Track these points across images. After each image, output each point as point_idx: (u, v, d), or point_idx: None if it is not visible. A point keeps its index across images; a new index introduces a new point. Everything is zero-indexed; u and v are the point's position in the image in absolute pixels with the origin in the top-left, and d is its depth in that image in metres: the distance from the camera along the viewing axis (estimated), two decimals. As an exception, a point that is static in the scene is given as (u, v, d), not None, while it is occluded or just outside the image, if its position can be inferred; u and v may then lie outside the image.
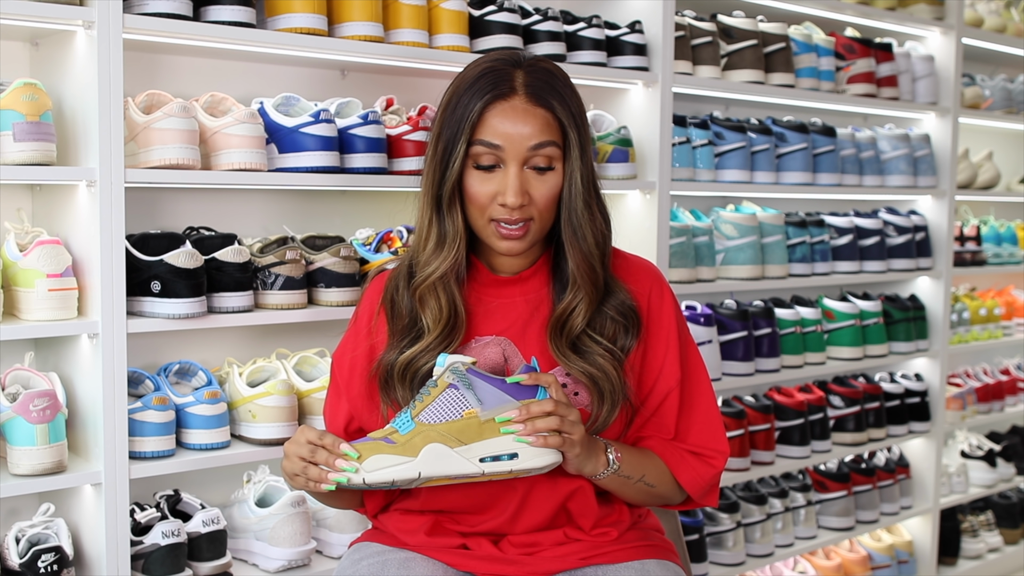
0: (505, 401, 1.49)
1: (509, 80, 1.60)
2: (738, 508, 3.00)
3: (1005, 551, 3.91)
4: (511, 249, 1.63)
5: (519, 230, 1.62)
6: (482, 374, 1.51)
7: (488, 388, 1.49)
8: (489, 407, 1.49)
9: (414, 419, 1.49)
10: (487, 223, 1.63)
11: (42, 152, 1.86)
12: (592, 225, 1.65)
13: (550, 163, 1.61)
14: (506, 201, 1.59)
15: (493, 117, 1.59)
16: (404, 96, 2.51)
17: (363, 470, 1.47)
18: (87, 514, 2.00)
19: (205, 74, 2.29)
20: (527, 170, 1.60)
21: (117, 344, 1.92)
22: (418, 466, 1.47)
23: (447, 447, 1.47)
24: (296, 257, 2.14)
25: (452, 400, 1.49)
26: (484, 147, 1.59)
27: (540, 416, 1.50)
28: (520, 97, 1.60)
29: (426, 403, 1.50)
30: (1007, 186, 4.21)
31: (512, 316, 1.69)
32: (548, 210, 1.63)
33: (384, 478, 1.47)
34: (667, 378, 1.70)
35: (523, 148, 1.59)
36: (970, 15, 3.65)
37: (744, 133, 2.95)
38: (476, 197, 1.61)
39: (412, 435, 1.48)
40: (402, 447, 1.48)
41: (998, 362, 4.18)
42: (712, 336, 2.86)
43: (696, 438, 1.71)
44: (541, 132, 1.59)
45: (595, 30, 2.57)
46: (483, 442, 1.48)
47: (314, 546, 2.20)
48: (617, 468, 1.59)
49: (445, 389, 1.50)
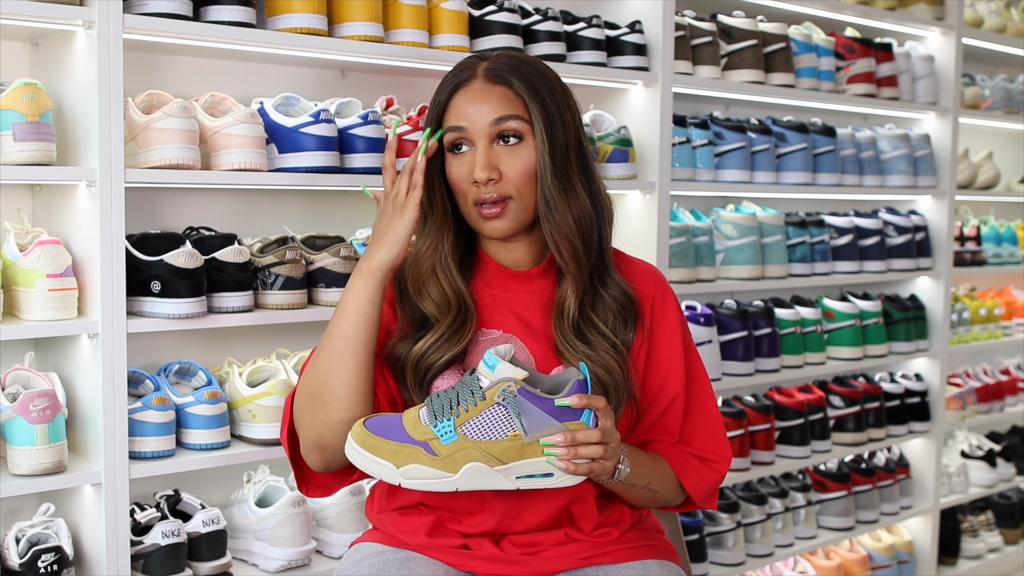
0: (550, 423, 1.46)
1: (471, 69, 1.66)
2: (738, 508, 3.00)
3: (1005, 551, 3.91)
4: (495, 230, 1.63)
5: (497, 207, 1.62)
6: (531, 394, 1.46)
7: (535, 411, 1.45)
8: (534, 429, 1.45)
9: (457, 429, 1.46)
10: (471, 208, 1.64)
11: (42, 152, 1.86)
12: (567, 201, 1.62)
13: (518, 133, 1.62)
14: (475, 176, 1.61)
15: (456, 102, 1.64)
16: (404, 96, 2.51)
17: (401, 475, 1.47)
18: (87, 514, 2.00)
19: (205, 74, 2.29)
20: (497, 147, 1.63)
21: (117, 344, 1.92)
22: (457, 482, 1.47)
23: (487, 466, 1.46)
24: (296, 257, 2.14)
25: (498, 418, 1.45)
26: (452, 132, 1.64)
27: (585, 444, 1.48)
28: (479, 80, 1.64)
29: (471, 414, 1.46)
30: (1007, 186, 4.21)
31: (519, 311, 1.68)
32: (525, 186, 1.63)
33: (420, 487, 1.48)
34: (673, 383, 1.70)
35: (484, 124, 1.62)
36: (970, 15, 3.65)
37: (744, 133, 2.95)
38: (456, 182, 1.64)
39: (454, 448, 1.46)
40: (443, 461, 1.46)
41: (998, 362, 4.18)
42: (712, 336, 2.86)
43: (701, 443, 1.72)
44: (500, 107, 1.62)
45: (595, 30, 2.57)
46: (522, 462, 1.47)
47: (314, 546, 2.20)
48: (625, 476, 1.59)
49: (492, 405, 1.46)
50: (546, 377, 1.54)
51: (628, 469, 1.57)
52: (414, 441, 1.47)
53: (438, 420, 1.47)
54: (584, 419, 1.47)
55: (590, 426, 1.48)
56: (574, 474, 1.48)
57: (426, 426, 1.48)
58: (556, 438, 1.46)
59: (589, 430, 1.47)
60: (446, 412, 1.47)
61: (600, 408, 1.48)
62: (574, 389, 1.47)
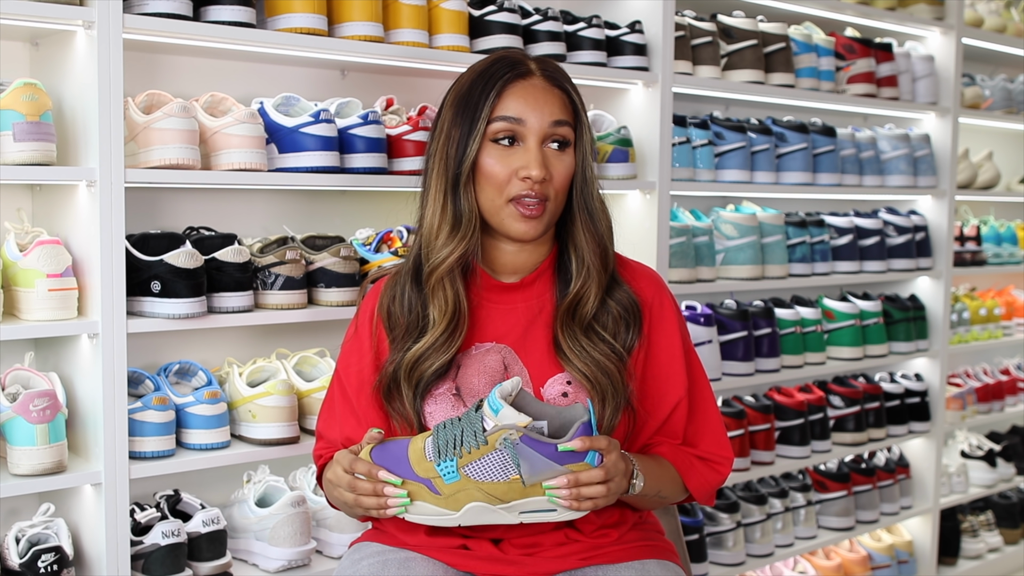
0: (552, 468, 1.46)
1: (524, 63, 1.65)
2: (738, 508, 3.00)
3: (1005, 551, 3.91)
4: (527, 232, 1.63)
5: (538, 208, 1.62)
6: (534, 440, 1.45)
7: (537, 457, 1.45)
8: (536, 471, 1.46)
9: (459, 470, 1.47)
10: (505, 203, 1.62)
11: (42, 152, 1.86)
12: (604, 211, 1.69)
13: (565, 141, 1.64)
14: (530, 173, 1.59)
15: (513, 94, 1.62)
16: (404, 96, 2.51)
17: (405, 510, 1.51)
18: (87, 514, 2.00)
19: (205, 74, 2.29)
20: (546, 148, 1.63)
21: (117, 344, 1.92)
22: (459, 519, 1.49)
23: (488, 504, 1.48)
24: (296, 257, 2.14)
25: (499, 462, 1.46)
26: (505, 122, 1.61)
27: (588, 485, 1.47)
28: (538, 77, 1.64)
29: (474, 456, 1.47)
30: (1007, 186, 4.21)
31: (511, 322, 1.69)
32: (563, 191, 1.65)
33: (423, 522, 1.52)
34: (676, 387, 1.70)
35: (545, 123, 1.61)
36: (970, 15, 3.65)
37: (744, 133, 2.95)
38: (495, 175, 1.61)
39: (456, 488, 1.48)
40: (445, 500, 1.49)
41: (998, 362, 4.18)
42: (712, 336, 2.86)
43: (703, 444, 1.73)
44: (560, 110, 1.63)
45: (595, 30, 2.57)
46: (524, 500, 1.48)
47: (314, 546, 2.20)
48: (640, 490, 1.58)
49: (494, 450, 1.46)
50: (552, 410, 1.53)
51: (642, 483, 1.58)
52: (418, 478, 1.50)
53: (442, 459, 1.48)
54: (589, 460, 1.47)
55: (594, 465, 1.47)
56: (578, 511, 1.49)
57: (430, 462, 1.49)
58: (559, 481, 1.45)
59: (592, 470, 1.47)
60: (450, 451, 1.48)
61: (603, 448, 1.47)
62: (579, 431, 1.47)
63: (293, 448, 2.16)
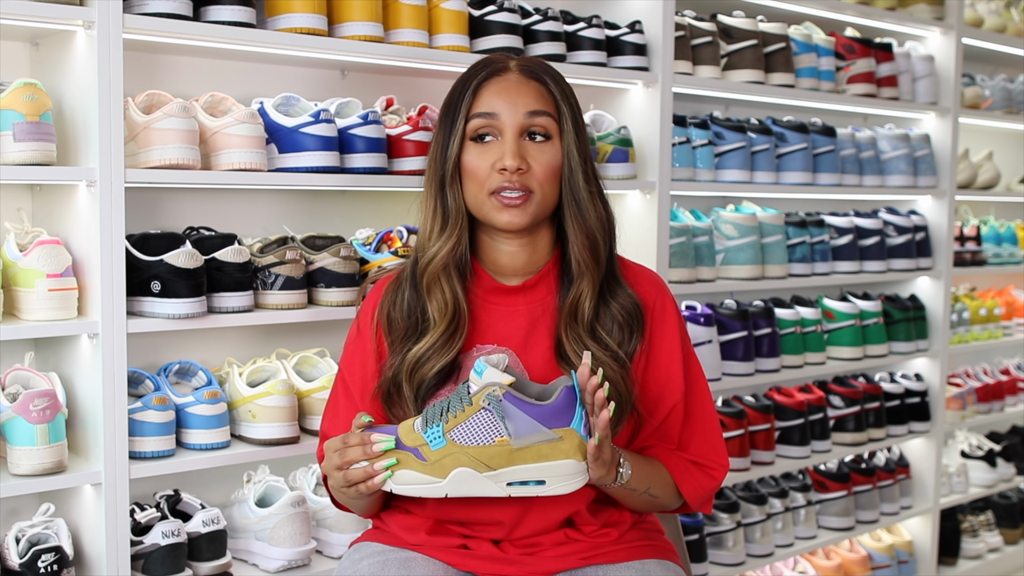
0: (538, 429, 1.46)
1: (503, 61, 1.68)
2: (738, 508, 3.00)
3: (1005, 551, 3.91)
4: (511, 222, 1.63)
5: (519, 198, 1.62)
6: (518, 399, 1.46)
7: (522, 416, 1.45)
8: (522, 434, 1.45)
9: (445, 435, 1.47)
10: (487, 197, 1.64)
11: (42, 152, 1.86)
12: (593, 203, 1.67)
13: (546, 132, 1.64)
14: (504, 164, 1.61)
15: (488, 90, 1.65)
16: (404, 96, 2.51)
17: (391, 480, 1.49)
18: (87, 514, 2.00)
19: (205, 74, 2.29)
20: (524, 140, 1.64)
21: (117, 344, 1.92)
22: (445, 488, 1.48)
23: (475, 471, 1.47)
24: (296, 257, 2.14)
25: (485, 423, 1.46)
26: (481, 119, 1.63)
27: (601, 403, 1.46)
28: (513, 72, 1.67)
29: (459, 420, 1.47)
30: (1007, 186, 4.21)
31: (514, 325, 1.69)
32: (548, 183, 1.65)
33: (411, 493, 1.49)
34: (673, 391, 1.70)
35: (518, 115, 1.63)
36: (970, 15, 3.65)
37: (744, 133, 2.95)
38: (475, 171, 1.64)
39: (442, 454, 1.47)
40: (431, 466, 1.47)
41: (998, 362, 4.18)
42: (712, 336, 2.86)
43: (698, 449, 1.72)
44: (535, 101, 1.64)
45: (595, 30, 2.57)
46: (512, 468, 1.47)
47: (314, 546, 2.20)
48: (627, 480, 1.59)
49: (479, 410, 1.46)
50: (534, 384, 1.54)
51: (629, 472, 1.57)
52: (405, 447, 1.49)
53: (428, 427, 1.49)
54: (574, 425, 1.47)
55: (581, 432, 1.47)
56: (600, 413, 1.46)
57: (418, 433, 1.49)
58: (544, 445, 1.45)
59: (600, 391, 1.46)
60: (436, 419, 1.49)
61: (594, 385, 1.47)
62: (562, 396, 1.47)
63: (293, 448, 2.16)
